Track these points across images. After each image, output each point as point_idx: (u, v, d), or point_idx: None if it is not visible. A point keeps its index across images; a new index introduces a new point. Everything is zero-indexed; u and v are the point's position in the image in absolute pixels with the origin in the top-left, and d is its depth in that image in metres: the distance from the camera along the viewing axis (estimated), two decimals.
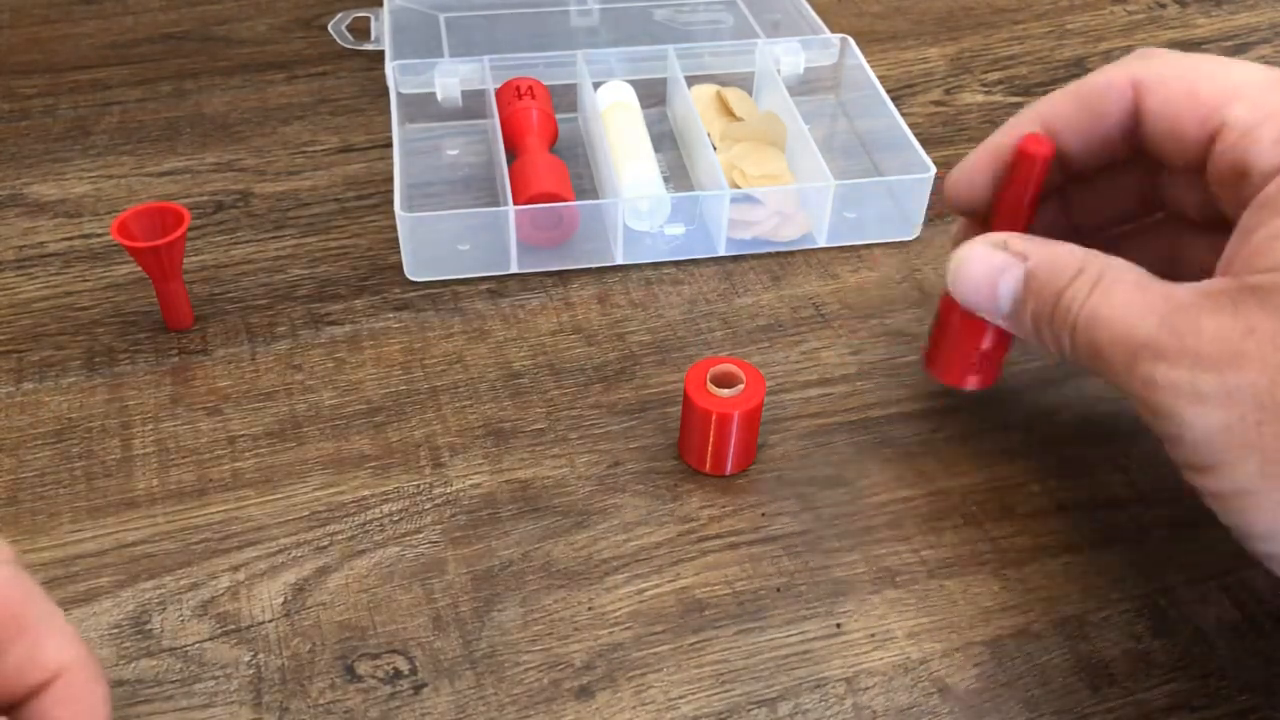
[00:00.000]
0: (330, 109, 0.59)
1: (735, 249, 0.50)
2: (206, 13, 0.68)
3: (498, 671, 0.34)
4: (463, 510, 0.38)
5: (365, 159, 0.55)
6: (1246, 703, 0.33)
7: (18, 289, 0.47)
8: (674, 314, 0.47)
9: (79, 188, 0.53)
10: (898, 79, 0.62)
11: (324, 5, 0.69)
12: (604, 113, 0.54)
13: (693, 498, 0.39)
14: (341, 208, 0.52)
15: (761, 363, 0.44)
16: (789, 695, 0.33)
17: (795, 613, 0.35)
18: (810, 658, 0.34)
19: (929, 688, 0.33)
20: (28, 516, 0.38)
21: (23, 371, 0.44)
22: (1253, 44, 0.67)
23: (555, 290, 0.48)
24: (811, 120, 0.56)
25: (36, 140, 0.57)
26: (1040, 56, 0.65)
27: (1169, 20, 0.69)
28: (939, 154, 0.56)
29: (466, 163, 0.55)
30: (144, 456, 0.40)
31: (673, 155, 0.56)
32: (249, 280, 0.48)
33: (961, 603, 0.36)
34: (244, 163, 0.55)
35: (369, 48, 0.62)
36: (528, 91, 0.54)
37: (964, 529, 0.38)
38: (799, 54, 0.57)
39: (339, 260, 0.49)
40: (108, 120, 0.58)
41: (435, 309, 0.47)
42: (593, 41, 0.64)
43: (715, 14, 0.65)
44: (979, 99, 0.61)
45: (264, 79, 0.62)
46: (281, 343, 0.45)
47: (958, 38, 0.67)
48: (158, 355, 0.44)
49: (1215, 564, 0.37)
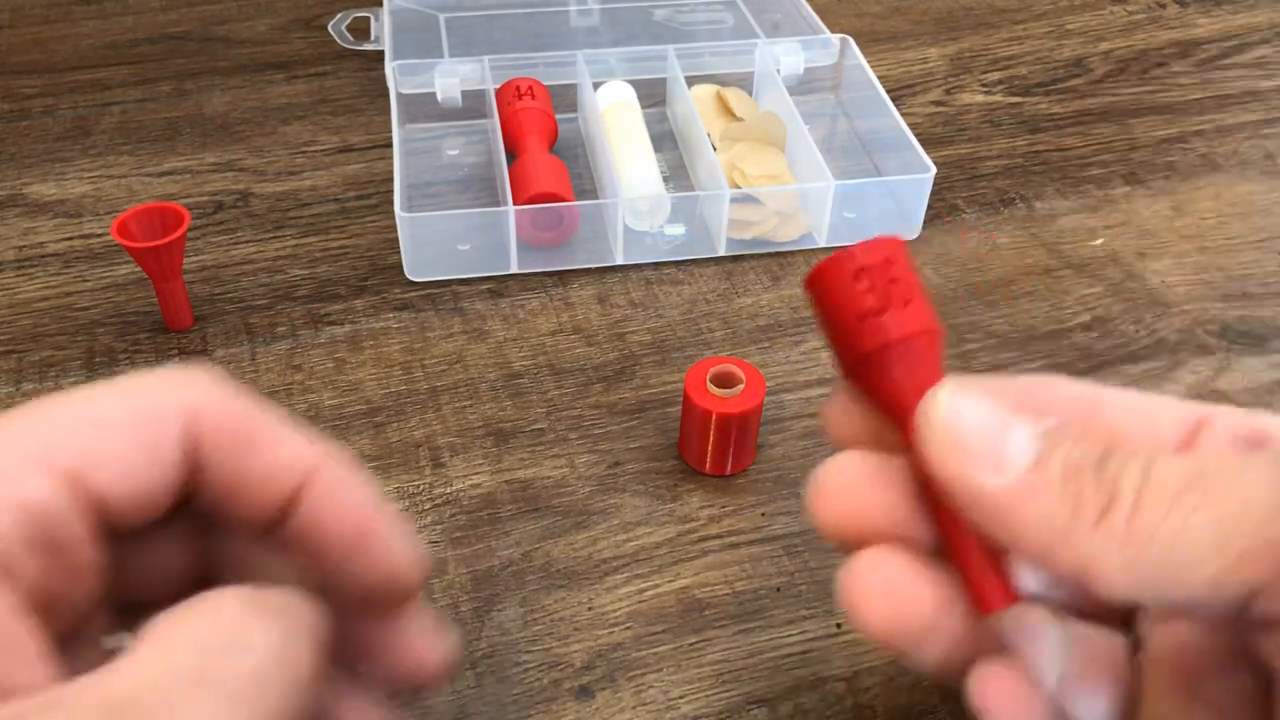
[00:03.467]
0: (330, 109, 0.59)
1: (735, 249, 0.50)
2: (206, 13, 0.68)
3: (498, 671, 0.34)
4: (463, 510, 0.38)
5: (365, 159, 0.55)
6: None
7: (17, 289, 0.47)
8: (674, 314, 0.47)
9: (79, 188, 0.53)
10: (898, 79, 0.62)
11: (324, 5, 0.69)
12: (604, 113, 0.54)
13: (693, 498, 0.39)
14: (341, 208, 0.52)
15: (761, 363, 0.44)
16: (789, 695, 0.33)
17: (795, 613, 0.35)
18: (810, 658, 0.34)
19: (929, 688, 0.33)
20: None
21: (22, 372, 0.44)
22: (1253, 44, 0.67)
23: (555, 290, 0.48)
24: (811, 120, 0.56)
25: (36, 140, 0.57)
26: (1040, 56, 0.65)
27: (1169, 20, 0.69)
28: (939, 154, 0.56)
29: (466, 163, 0.55)
30: None
31: (673, 155, 0.56)
32: (249, 280, 0.48)
33: None
34: (244, 163, 0.55)
35: (369, 48, 0.62)
36: (528, 91, 0.54)
37: None
38: (799, 54, 0.57)
39: (339, 260, 0.49)
40: (108, 120, 0.58)
41: (435, 309, 0.47)
42: (593, 41, 0.64)
43: (715, 14, 0.65)
44: (979, 99, 0.61)
45: (264, 79, 0.62)
46: (281, 343, 0.45)
47: (958, 38, 0.67)
48: (158, 355, 0.44)
49: None
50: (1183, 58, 0.65)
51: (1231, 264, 0.50)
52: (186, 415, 0.22)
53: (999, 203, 0.53)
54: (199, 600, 0.19)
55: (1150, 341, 0.46)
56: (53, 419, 0.20)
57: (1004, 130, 0.59)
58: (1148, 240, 0.51)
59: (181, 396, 0.22)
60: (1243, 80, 0.63)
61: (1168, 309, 0.47)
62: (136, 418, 0.21)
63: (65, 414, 0.20)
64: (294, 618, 0.20)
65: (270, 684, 0.18)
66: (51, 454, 0.20)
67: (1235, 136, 0.58)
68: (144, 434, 0.21)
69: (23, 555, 0.19)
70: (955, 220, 0.52)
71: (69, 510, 0.20)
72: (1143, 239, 0.51)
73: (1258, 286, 0.48)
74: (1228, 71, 0.64)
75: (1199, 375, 0.44)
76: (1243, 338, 0.46)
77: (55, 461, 0.20)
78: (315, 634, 0.20)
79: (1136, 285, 0.48)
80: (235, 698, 0.17)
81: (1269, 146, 0.57)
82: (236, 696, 0.17)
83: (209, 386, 0.22)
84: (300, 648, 0.19)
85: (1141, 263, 0.50)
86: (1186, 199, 0.54)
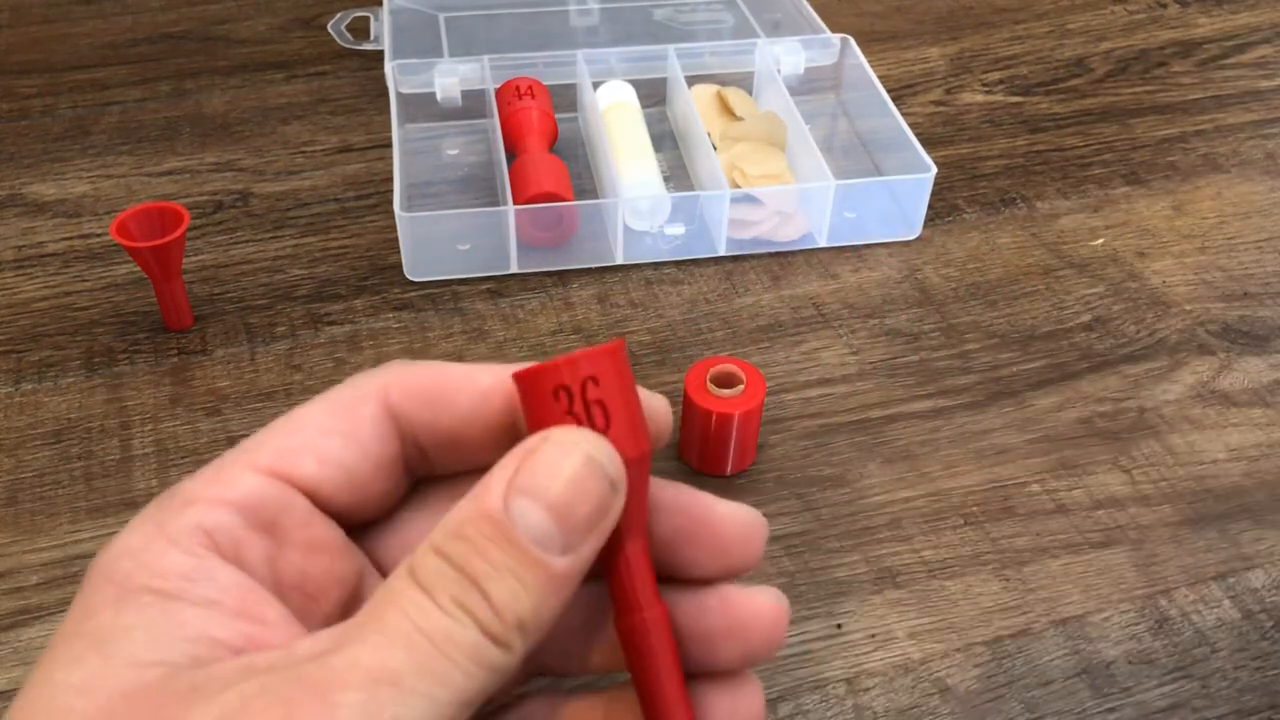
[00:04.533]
0: (330, 109, 0.59)
1: (735, 249, 0.49)
2: (206, 12, 0.68)
3: None
4: None
5: (365, 159, 0.55)
6: (1247, 703, 0.33)
7: (17, 289, 0.47)
8: (674, 314, 0.46)
9: (78, 187, 0.53)
10: (898, 79, 0.62)
11: (324, 5, 0.68)
12: (604, 112, 0.54)
13: None
14: (341, 208, 0.52)
15: (761, 363, 0.44)
16: (789, 695, 0.33)
17: (795, 613, 0.35)
18: (810, 658, 0.34)
19: (929, 688, 0.33)
20: (27, 517, 0.38)
21: (22, 372, 0.43)
22: (1253, 44, 0.67)
23: (555, 290, 0.48)
24: (811, 120, 0.56)
25: (36, 140, 0.56)
26: (1040, 56, 0.65)
27: (1169, 20, 0.69)
28: (939, 154, 0.56)
29: (466, 163, 0.55)
30: (143, 457, 0.40)
31: (673, 155, 0.56)
32: (249, 280, 0.48)
33: (961, 603, 0.36)
34: (243, 163, 0.55)
35: (368, 47, 0.62)
36: (528, 91, 0.54)
37: (964, 529, 0.38)
38: (799, 54, 0.57)
39: (339, 260, 0.49)
40: (107, 120, 0.58)
41: (435, 309, 0.47)
42: (593, 41, 0.64)
43: (715, 14, 0.65)
44: (979, 99, 0.61)
45: (263, 79, 0.61)
46: (281, 343, 0.45)
47: (958, 37, 0.67)
48: (157, 355, 0.44)
49: (1215, 564, 0.37)
50: (1183, 57, 0.65)
51: (1232, 264, 0.50)
52: (379, 396, 0.24)
53: (999, 202, 0.53)
54: (405, 571, 0.21)
55: (1151, 341, 0.45)
56: (265, 433, 0.24)
57: (1004, 130, 0.59)
58: (1148, 240, 0.51)
59: (371, 382, 0.24)
60: (1243, 80, 0.63)
61: (1168, 309, 0.47)
62: (329, 410, 0.24)
63: (271, 427, 0.24)
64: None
65: (460, 647, 0.20)
66: (255, 458, 0.23)
67: (1236, 136, 0.58)
68: (337, 422, 0.24)
69: (248, 540, 0.22)
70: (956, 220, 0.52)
71: (279, 499, 0.23)
72: (1143, 239, 0.51)
73: (1258, 286, 0.48)
74: (1228, 71, 0.64)
75: (1199, 375, 0.44)
76: (1243, 338, 0.46)
77: (258, 462, 0.23)
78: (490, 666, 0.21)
79: (1137, 285, 0.48)
80: (430, 653, 0.20)
81: (1269, 146, 0.57)
82: (430, 653, 0.20)
83: (395, 367, 0.25)
84: (477, 679, 0.21)
85: (1142, 263, 0.50)
86: (1187, 199, 0.54)
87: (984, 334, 0.46)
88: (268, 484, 0.23)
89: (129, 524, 0.23)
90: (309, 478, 0.24)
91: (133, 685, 0.20)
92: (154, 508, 0.23)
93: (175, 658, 0.20)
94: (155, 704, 0.20)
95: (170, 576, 0.21)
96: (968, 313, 0.47)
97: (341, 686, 0.19)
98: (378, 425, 0.24)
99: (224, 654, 0.21)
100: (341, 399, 0.25)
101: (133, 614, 0.21)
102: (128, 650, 0.20)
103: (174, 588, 0.21)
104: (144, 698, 0.20)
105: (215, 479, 0.23)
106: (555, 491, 0.21)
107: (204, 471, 0.24)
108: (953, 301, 0.47)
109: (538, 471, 0.21)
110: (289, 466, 0.23)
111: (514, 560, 0.21)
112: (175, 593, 0.21)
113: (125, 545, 0.22)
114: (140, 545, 0.22)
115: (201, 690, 0.20)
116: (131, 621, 0.21)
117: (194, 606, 0.21)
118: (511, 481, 0.21)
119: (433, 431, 0.25)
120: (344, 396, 0.25)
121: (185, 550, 0.22)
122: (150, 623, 0.21)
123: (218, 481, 0.23)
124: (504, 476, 0.21)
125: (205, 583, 0.22)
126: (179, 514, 0.22)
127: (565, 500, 0.21)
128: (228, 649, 0.21)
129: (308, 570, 0.24)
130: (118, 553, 0.22)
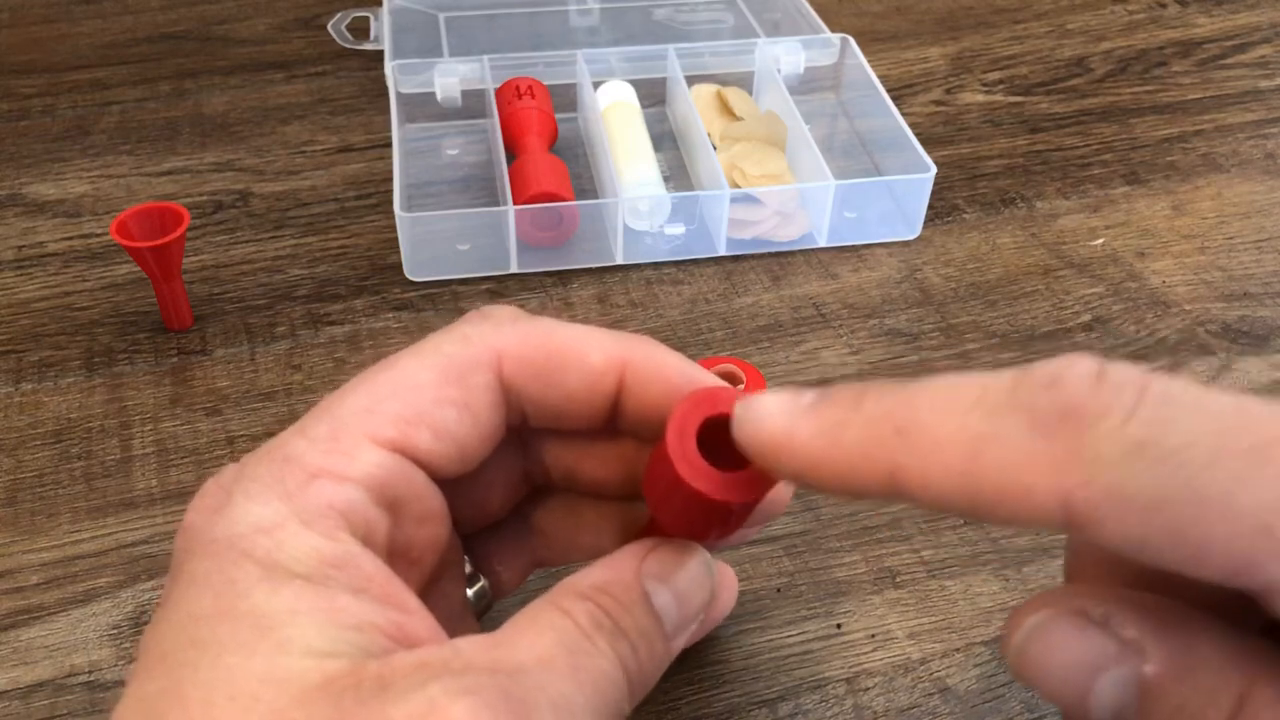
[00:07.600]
0: (330, 109, 0.59)
1: (735, 249, 0.49)
2: (206, 12, 0.68)
3: None
4: None
5: (365, 159, 0.55)
6: None
7: (17, 289, 0.47)
8: (674, 314, 0.46)
9: (78, 187, 0.53)
10: (898, 79, 0.62)
11: (324, 5, 0.69)
12: (604, 112, 0.54)
13: None
14: (341, 208, 0.52)
15: (761, 363, 0.44)
16: (789, 695, 0.33)
17: (795, 613, 0.35)
18: (810, 658, 0.34)
19: (929, 688, 0.33)
20: (27, 517, 0.38)
21: (22, 372, 0.43)
22: (1253, 44, 0.67)
23: (555, 290, 0.48)
24: (811, 120, 0.56)
25: (36, 140, 0.56)
26: (1040, 56, 0.65)
27: (1169, 20, 0.69)
28: (939, 154, 0.56)
29: (466, 163, 0.55)
30: (143, 457, 0.40)
31: (673, 155, 0.56)
32: (248, 280, 0.48)
33: (961, 603, 0.36)
34: (243, 162, 0.55)
35: (368, 47, 0.62)
36: (528, 91, 0.54)
37: (964, 529, 0.38)
38: (799, 54, 0.57)
39: (338, 260, 0.49)
40: (107, 120, 0.58)
41: (435, 309, 0.47)
42: (593, 41, 0.64)
43: (715, 14, 0.65)
44: (979, 99, 0.61)
45: (263, 79, 0.61)
46: (281, 343, 0.45)
47: (958, 37, 0.67)
48: (157, 355, 0.44)
49: None
50: (1183, 57, 0.65)
51: (1232, 264, 0.50)
52: (493, 365, 0.24)
53: (999, 202, 0.53)
54: (551, 604, 0.22)
55: (1151, 341, 0.45)
56: (377, 394, 0.23)
57: (1004, 130, 0.59)
58: (1148, 240, 0.51)
59: (485, 345, 0.24)
60: (1243, 80, 0.63)
61: (1168, 309, 0.47)
62: (443, 373, 0.24)
63: (386, 388, 0.23)
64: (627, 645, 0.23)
65: (613, 686, 0.22)
66: (374, 426, 0.23)
67: (1236, 136, 0.58)
68: (450, 390, 0.24)
69: (376, 519, 0.22)
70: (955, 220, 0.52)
71: (401, 474, 0.23)
72: (1143, 239, 0.51)
73: (1258, 286, 0.48)
74: (1228, 71, 0.64)
75: (1199, 375, 0.44)
76: (1243, 338, 0.46)
77: (378, 433, 0.23)
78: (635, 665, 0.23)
79: (1137, 285, 0.48)
80: (593, 686, 0.21)
81: (1269, 146, 0.57)
82: (595, 686, 0.21)
83: (509, 328, 0.25)
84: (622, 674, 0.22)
85: (1142, 263, 0.50)
86: (1187, 199, 0.54)
87: (984, 334, 0.46)
88: (391, 461, 0.23)
89: (244, 491, 0.22)
90: (426, 453, 0.23)
91: (319, 677, 0.19)
92: (269, 475, 0.22)
93: (345, 648, 0.20)
94: (353, 699, 0.19)
95: (313, 562, 0.21)
96: (968, 313, 0.47)
97: (534, 705, 0.20)
98: (491, 395, 0.24)
99: (386, 644, 0.20)
100: (454, 361, 0.24)
101: (290, 598, 0.20)
102: (299, 639, 0.20)
103: (320, 574, 0.21)
104: (335, 693, 0.19)
105: (334, 448, 0.22)
106: (681, 583, 0.23)
107: (317, 433, 0.23)
108: (953, 301, 0.47)
109: (665, 560, 0.23)
110: (408, 440, 0.23)
111: (653, 628, 0.23)
112: (322, 579, 0.21)
113: (254, 520, 0.21)
114: (272, 522, 0.21)
115: (392, 688, 0.19)
116: (291, 606, 0.20)
117: (346, 593, 0.21)
118: (645, 559, 0.23)
119: (538, 405, 0.25)
120: (456, 358, 0.24)
121: (323, 533, 0.21)
122: (312, 608, 0.20)
123: (337, 452, 0.22)
124: (639, 553, 0.23)
125: (351, 569, 0.21)
126: (306, 489, 0.22)
127: (686, 591, 0.23)
128: (387, 638, 0.21)
129: (414, 539, 0.24)
130: (249, 528, 0.21)
